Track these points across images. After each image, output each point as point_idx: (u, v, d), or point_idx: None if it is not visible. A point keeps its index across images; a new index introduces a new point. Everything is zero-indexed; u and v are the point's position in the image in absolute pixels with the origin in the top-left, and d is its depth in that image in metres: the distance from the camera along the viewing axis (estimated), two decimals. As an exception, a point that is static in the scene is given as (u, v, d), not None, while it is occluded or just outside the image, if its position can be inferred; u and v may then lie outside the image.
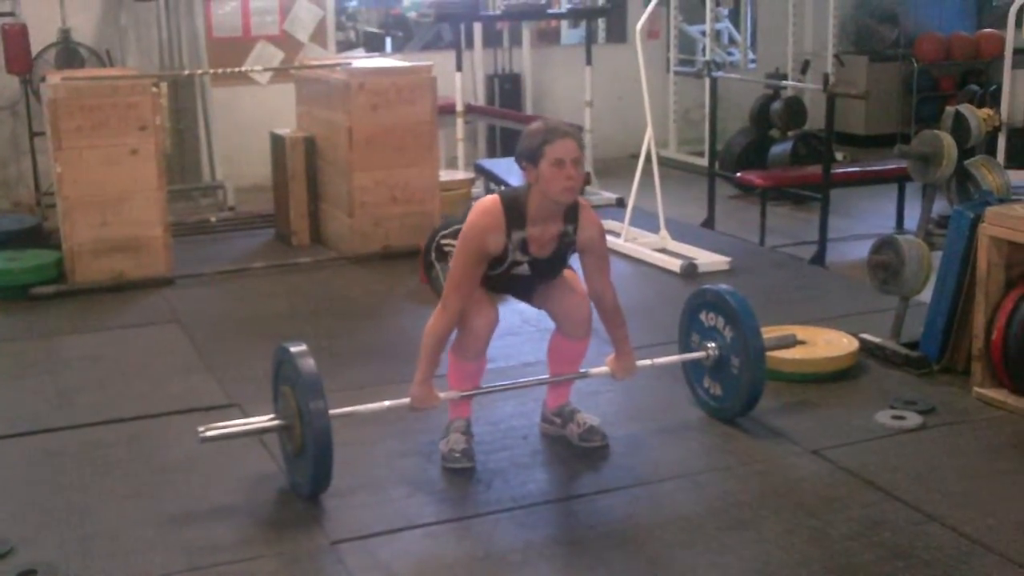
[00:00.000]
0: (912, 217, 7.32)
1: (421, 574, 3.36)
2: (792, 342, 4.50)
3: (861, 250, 5.82)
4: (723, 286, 4.33)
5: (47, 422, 4.45)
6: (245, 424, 3.83)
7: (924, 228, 5.14)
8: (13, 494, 3.88)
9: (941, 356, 4.75)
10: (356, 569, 3.34)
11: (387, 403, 3.88)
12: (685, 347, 4.44)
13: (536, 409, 4.32)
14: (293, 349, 3.68)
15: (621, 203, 7.95)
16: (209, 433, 3.67)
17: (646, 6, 7.16)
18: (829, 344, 4.85)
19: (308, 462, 3.63)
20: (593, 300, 3.99)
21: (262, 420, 3.82)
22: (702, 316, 4.34)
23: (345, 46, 10.05)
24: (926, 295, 4.92)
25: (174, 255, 6.52)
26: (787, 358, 4.60)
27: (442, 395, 3.93)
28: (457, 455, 3.97)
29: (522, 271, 3.88)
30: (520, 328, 5.31)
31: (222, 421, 3.89)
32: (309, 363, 3.63)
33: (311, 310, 5.95)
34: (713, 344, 4.27)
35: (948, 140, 4.96)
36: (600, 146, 9.49)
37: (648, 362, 4.24)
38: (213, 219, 7.87)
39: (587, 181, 8.31)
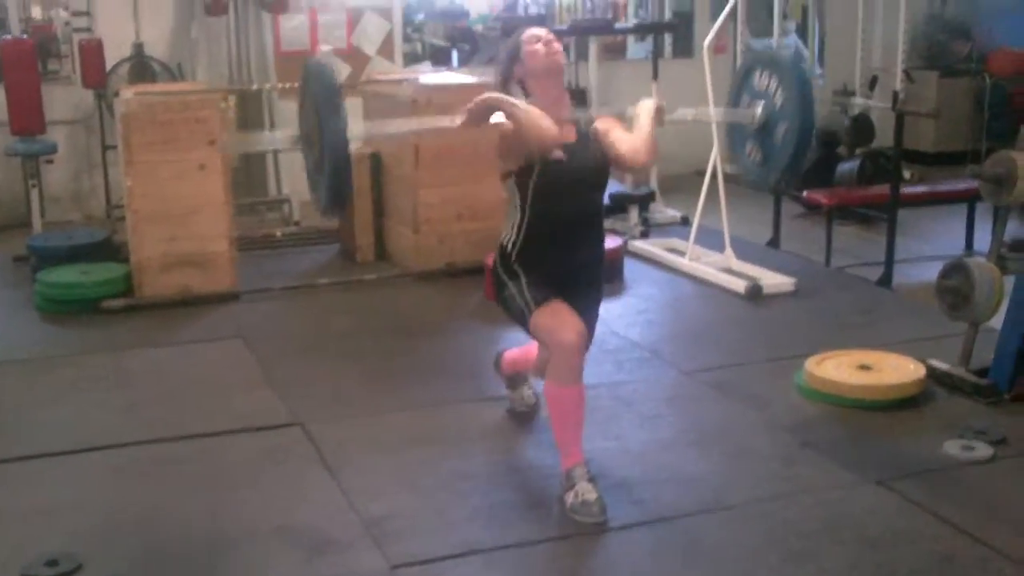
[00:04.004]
0: (982, 238, 7.18)
1: (481, 600, 3.35)
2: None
3: (929, 272, 5.72)
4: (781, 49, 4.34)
5: (114, 437, 4.51)
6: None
7: (996, 252, 5.03)
8: (80, 509, 3.94)
9: (1012, 384, 4.66)
10: (416, 594, 3.35)
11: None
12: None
13: (592, 433, 4.14)
14: (313, 63, 3.74)
15: (686, 221, 7.91)
16: None
17: (713, 21, 7.12)
18: (895, 370, 4.77)
19: (325, 177, 3.72)
20: (631, 160, 3.85)
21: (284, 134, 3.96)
22: (755, 76, 4.33)
23: (412, 59, 10.10)
24: (997, 321, 4.83)
25: (240, 270, 6.58)
26: (852, 384, 4.54)
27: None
28: (594, 509, 3.71)
29: (558, 156, 3.79)
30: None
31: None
32: (329, 76, 3.66)
33: (375, 327, 5.97)
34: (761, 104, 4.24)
35: (1023, 161, 4.86)
36: (665, 162, 9.40)
37: (690, 111, 4.21)
38: (279, 234, 7.93)
39: (652, 198, 8.28)
